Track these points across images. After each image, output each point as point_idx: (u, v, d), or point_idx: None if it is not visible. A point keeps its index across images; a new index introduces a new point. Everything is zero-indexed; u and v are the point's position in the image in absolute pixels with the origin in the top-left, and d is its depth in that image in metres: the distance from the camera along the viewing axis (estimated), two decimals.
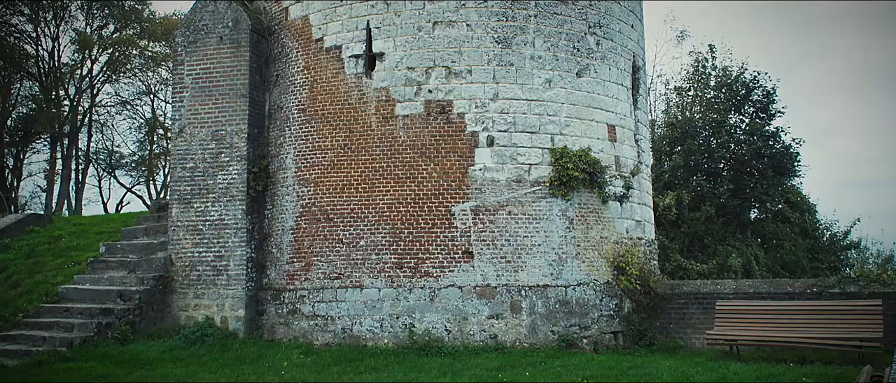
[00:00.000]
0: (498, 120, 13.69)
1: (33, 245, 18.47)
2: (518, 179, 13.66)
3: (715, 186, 23.71)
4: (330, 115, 14.25)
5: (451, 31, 13.76)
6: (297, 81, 14.77)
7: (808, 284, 13.43)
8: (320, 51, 14.49)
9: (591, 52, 14.57)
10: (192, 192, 14.89)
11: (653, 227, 16.45)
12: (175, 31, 15.83)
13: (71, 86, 37.97)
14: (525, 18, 13.95)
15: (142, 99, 41.43)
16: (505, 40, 13.82)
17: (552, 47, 14.11)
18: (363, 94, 13.98)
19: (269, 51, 15.45)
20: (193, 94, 15.09)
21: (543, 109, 13.95)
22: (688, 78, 27.70)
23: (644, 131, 16.42)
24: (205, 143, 14.93)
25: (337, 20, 14.36)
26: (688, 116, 26.00)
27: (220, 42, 15.09)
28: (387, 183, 13.65)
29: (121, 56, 38.38)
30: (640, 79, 16.29)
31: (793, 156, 24.54)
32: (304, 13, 14.81)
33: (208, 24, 15.21)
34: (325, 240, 13.98)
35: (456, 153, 13.58)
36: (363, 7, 14.12)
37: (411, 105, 13.72)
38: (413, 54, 13.79)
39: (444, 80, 13.70)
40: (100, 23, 38.66)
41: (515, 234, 13.53)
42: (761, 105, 25.11)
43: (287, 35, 15.07)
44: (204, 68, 15.08)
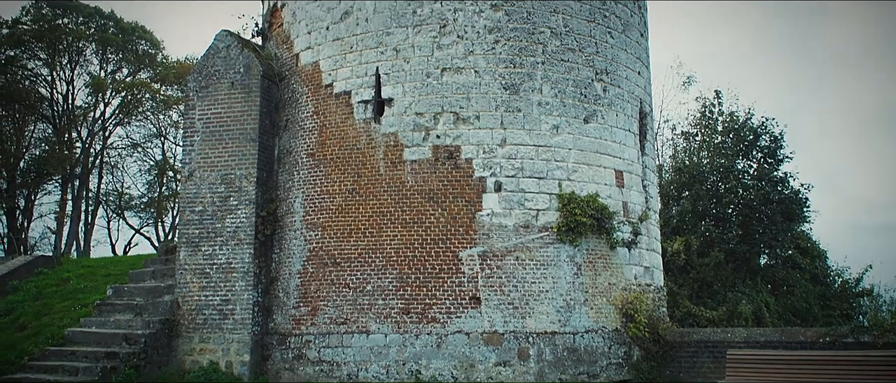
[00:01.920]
0: (506, 165, 13.74)
1: (41, 287, 18.50)
2: (526, 225, 13.64)
3: (724, 232, 23.59)
4: (338, 160, 14.34)
5: (460, 77, 13.91)
6: (306, 126, 14.91)
7: (821, 333, 13.26)
8: (330, 96, 14.65)
9: (598, 98, 14.68)
10: (201, 236, 14.93)
11: (661, 273, 16.34)
12: (188, 76, 16.07)
13: (83, 128, 38.42)
14: (533, 65, 14.10)
15: (152, 141, 41.84)
16: (512, 86, 13.95)
17: (560, 93, 14.22)
18: (372, 139, 14.08)
19: (280, 96, 15.63)
20: (204, 138, 15.24)
21: (551, 155, 14.00)
22: (695, 123, 27.80)
23: (652, 177, 16.43)
24: (214, 187, 15.02)
25: (347, 66, 14.55)
26: (695, 161, 26.01)
27: (231, 87, 15.29)
28: (394, 227, 13.66)
29: (133, 99, 38.88)
30: (647, 124, 16.36)
31: (801, 201, 24.47)
32: (314, 59, 15.02)
33: (220, 69, 15.44)
34: (332, 284, 13.94)
35: (463, 198, 13.61)
36: (373, 53, 14.31)
37: (419, 150, 13.80)
38: (421, 100, 13.92)
39: (453, 125, 13.80)
40: (114, 67, 39.28)
41: (523, 280, 13.46)
42: (769, 150, 25.13)
43: (297, 80, 15.27)
44: (215, 113, 15.26)
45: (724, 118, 26.46)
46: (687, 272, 22.28)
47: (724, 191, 24.24)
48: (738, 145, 25.09)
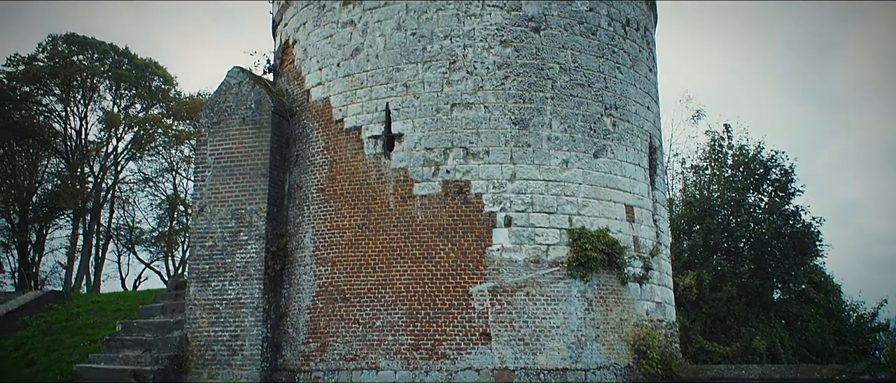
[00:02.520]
0: (515, 200, 13.72)
1: (51, 322, 18.50)
2: (536, 260, 13.58)
3: (736, 266, 23.41)
4: (348, 195, 14.37)
5: (469, 112, 13.98)
6: (316, 161, 14.98)
7: (837, 371, 13.04)
8: (340, 131, 14.73)
9: (607, 133, 14.70)
10: (211, 271, 14.93)
11: (673, 309, 16.18)
12: (200, 112, 16.23)
13: (96, 163, 38.74)
14: (542, 100, 14.16)
15: (164, 176, 42.11)
16: (522, 121, 14.00)
17: (569, 128, 14.25)
18: (382, 174, 14.12)
19: (290, 131, 15.74)
20: (215, 173, 15.33)
21: (561, 190, 13.98)
22: (705, 157, 27.79)
23: (662, 211, 16.36)
24: (224, 222, 15.06)
25: (357, 102, 14.65)
26: (706, 195, 25.93)
27: (242, 123, 15.41)
28: (404, 263, 13.62)
29: (146, 134, 39.24)
30: (657, 159, 16.34)
31: (814, 235, 24.30)
32: (325, 95, 15.14)
33: (232, 105, 15.58)
34: (342, 320, 13.87)
35: (473, 233, 13.58)
36: (383, 89, 14.42)
37: (429, 185, 13.82)
38: (431, 135, 13.98)
39: (462, 160, 13.83)
40: (127, 102, 39.72)
41: (534, 316, 13.36)
42: (780, 184, 25.05)
43: (308, 116, 15.38)
44: (226, 148, 15.37)
45: (734, 152, 26.44)
46: (699, 307, 22.07)
47: (735, 224, 24.12)
48: (748, 179, 25.03)
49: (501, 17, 14.32)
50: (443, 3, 14.38)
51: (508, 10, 14.36)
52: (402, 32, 14.46)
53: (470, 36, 14.24)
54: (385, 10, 14.67)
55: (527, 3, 14.44)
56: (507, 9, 14.36)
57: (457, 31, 14.27)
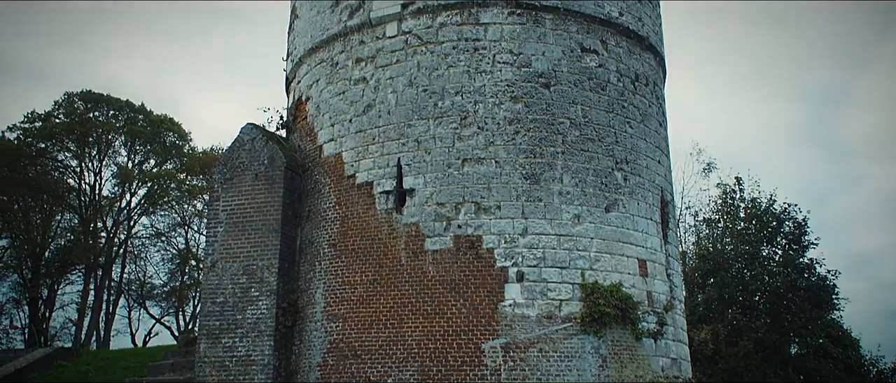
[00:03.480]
0: (527, 255, 13.66)
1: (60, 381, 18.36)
2: (549, 315, 13.44)
3: (751, 320, 23.10)
4: (360, 250, 14.35)
5: (480, 167, 14.03)
6: (328, 217, 15.02)
7: None
8: (352, 187, 14.80)
9: (618, 187, 14.69)
10: (221, 328, 14.85)
11: (689, 365, 15.91)
12: (213, 168, 16.37)
13: (109, 218, 39.00)
14: (553, 155, 14.21)
15: (176, 230, 42.29)
16: (533, 176, 14.03)
17: (580, 183, 14.26)
18: (393, 230, 14.12)
19: (303, 187, 15.83)
20: (227, 229, 15.38)
21: (573, 244, 13.92)
22: (717, 209, 27.70)
23: (676, 265, 16.23)
24: (236, 278, 15.04)
25: (369, 157, 14.75)
26: (719, 248, 25.76)
27: (255, 179, 15.53)
28: (416, 319, 13.50)
29: (159, 189, 39.58)
30: (669, 213, 16.29)
31: (830, 288, 24.01)
32: (337, 151, 15.26)
33: (245, 161, 15.73)
34: (353, 377, 13.70)
35: (485, 288, 13.48)
36: (394, 145, 14.53)
37: (441, 240, 13.79)
38: (443, 190, 14.01)
39: (474, 215, 13.83)
40: (141, 158, 40.19)
41: (547, 372, 13.15)
42: (793, 236, 24.88)
43: (320, 172, 15.48)
44: (238, 204, 15.45)
45: (746, 204, 26.36)
46: (715, 362, 21.70)
47: (749, 278, 23.89)
48: (761, 231, 24.89)
49: (512, 73, 14.49)
50: (454, 60, 14.58)
51: (518, 67, 14.54)
52: (413, 89, 14.64)
53: (481, 92, 14.39)
54: (397, 68, 14.88)
55: (536, 59, 14.63)
56: (518, 65, 14.55)
57: (468, 88, 14.43)
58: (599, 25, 15.37)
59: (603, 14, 15.45)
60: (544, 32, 14.84)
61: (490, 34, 14.69)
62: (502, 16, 14.75)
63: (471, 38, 14.66)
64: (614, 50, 15.52)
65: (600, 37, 15.36)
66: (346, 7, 15.79)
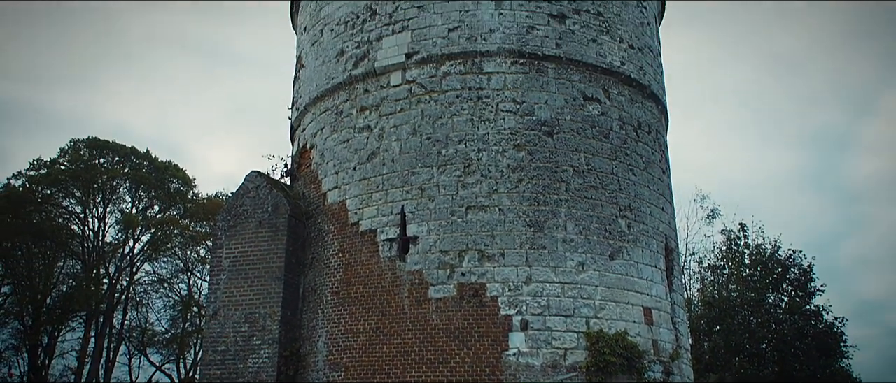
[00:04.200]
0: (531, 303, 13.57)
1: None
2: (553, 364, 13.28)
3: (759, 368, 22.82)
4: (363, 298, 14.27)
5: (484, 215, 14.04)
6: (331, 264, 14.98)
7: None
8: (355, 234, 14.79)
9: (623, 235, 14.67)
10: (222, 377, 14.68)
11: None
12: (217, 216, 16.40)
13: (111, 264, 38.93)
14: (556, 203, 14.23)
15: (179, 276, 42.14)
16: (537, 224, 14.02)
17: (584, 230, 14.24)
18: (396, 278, 14.06)
19: (306, 234, 15.83)
20: (230, 276, 15.33)
21: (577, 292, 13.83)
22: (721, 256, 27.58)
23: (681, 313, 16.10)
24: (238, 326, 14.94)
25: (373, 205, 14.78)
26: (725, 295, 25.58)
27: (259, 226, 15.53)
28: (419, 368, 13.35)
29: (163, 235, 39.58)
30: (673, 260, 16.22)
31: (838, 335, 23.75)
32: (341, 198, 15.30)
33: (248, 209, 15.76)
34: None
35: (489, 337, 13.36)
36: (398, 192, 14.57)
37: (444, 288, 13.72)
38: (446, 238, 13.99)
39: (477, 263, 13.78)
40: (145, 204, 40.29)
41: None
42: (799, 283, 24.73)
43: (324, 219, 15.49)
44: (242, 251, 15.43)
45: (751, 251, 26.25)
46: None
47: (756, 325, 23.68)
48: (767, 278, 24.75)
49: (515, 121, 14.60)
50: (457, 109, 14.71)
51: (521, 115, 14.66)
52: (417, 137, 14.74)
53: (484, 140, 14.48)
54: (401, 116, 15.01)
55: (539, 107, 14.76)
56: (520, 113, 14.67)
57: (471, 136, 14.53)
58: (601, 74, 15.54)
59: (604, 63, 15.64)
60: (547, 81, 15.00)
61: (493, 83, 14.85)
62: (505, 65, 14.93)
63: (474, 87, 14.82)
64: (616, 98, 15.66)
65: (602, 85, 15.52)
66: (352, 57, 16.01)
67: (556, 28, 15.40)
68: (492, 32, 15.11)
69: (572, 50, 15.36)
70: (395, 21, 15.64)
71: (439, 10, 15.37)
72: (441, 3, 15.40)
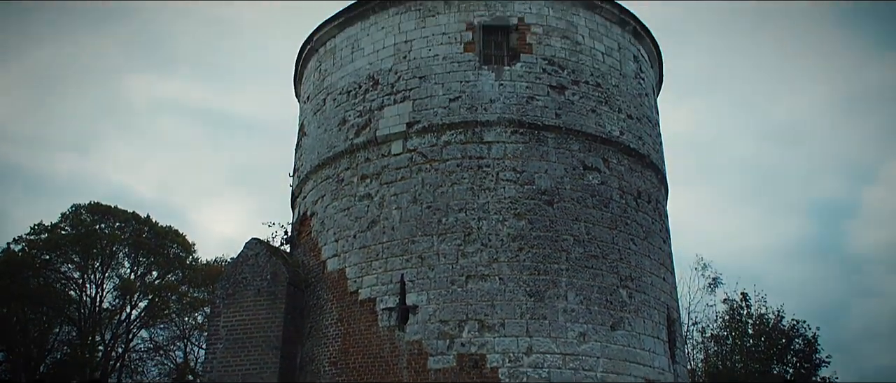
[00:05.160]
0: (532, 375, 13.34)
1: None
2: None
3: None
4: (361, 369, 14.04)
5: (484, 284, 13.94)
6: (329, 334, 14.79)
7: None
8: (354, 303, 14.66)
9: (624, 304, 14.53)
10: None
11: None
12: (216, 284, 16.30)
13: (107, 331, 38.47)
14: (557, 272, 14.15)
15: (175, 344, 41.57)
16: (537, 294, 13.91)
17: (585, 300, 14.12)
18: (396, 347, 13.87)
19: (305, 303, 15.69)
20: (227, 346, 15.13)
21: (578, 364, 13.61)
22: (724, 326, 27.27)
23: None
24: None
25: (372, 273, 14.69)
26: (729, 366, 25.17)
27: (257, 294, 15.41)
28: None
29: (160, 302, 39.25)
30: (675, 331, 16.03)
31: None
32: (340, 266, 15.23)
33: (247, 276, 15.67)
34: None
35: None
36: (398, 261, 14.50)
37: (444, 358, 13.51)
38: (446, 307, 13.86)
39: (477, 333, 13.61)
40: (144, 270, 40.07)
41: None
42: (804, 354, 24.38)
43: (323, 287, 15.38)
44: (240, 320, 15.26)
45: (754, 321, 25.97)
46: None
47: None
48: (771, 349, 24.43)
49: (515, 190, 14.66)
50: (458, 178, 14.79)
51: (522, 184, 14.72)
52: (417, 205, 14.77)
53: (484, 208, 14.51)
54: (401, 184, 15.08)
55: (539, 176, 14.83)
56: (521, 182, 14.73)
57: (471, 204, 14.56)
58: (601, 144, 15.68)
59: (604, 133, 15.80)
60: (547, 150, 15.12)
61: (493, 152, 14.96)
62: (505, 135, 15.08)
63: (475, 156, 14.93)
64: (616, 167, 15.76)
65: (602, 155, 15.64)
66: (354, 125, 16.20)
67: (556, 98, 15.61)
68: (492, 102, 15.32)
69: (572, 120, 15.53)
70: (396, 91, 15.88)
71: (440, 80, 15.63)
72: (442, 74, 15.67)
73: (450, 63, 15.76)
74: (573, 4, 16.76)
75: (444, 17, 16.25)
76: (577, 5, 16.81)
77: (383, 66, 16.32)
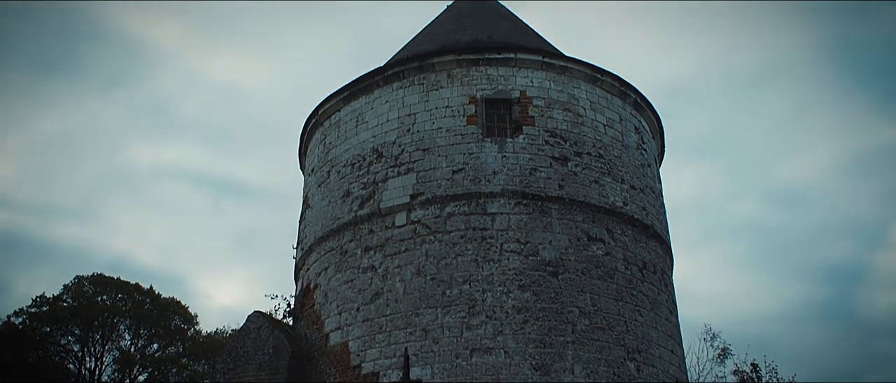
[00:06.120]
0: None
1: None
2: None
3: None
4: None
5: (489, 358, 13.73)
6: None
7: None
8: (358, 377, 14.41)
9: (632, 378, 14.26)
10: None
11: None
12: (217, 358, 16.09)
13: None
14: (563, 345, 13.95)
15: None
16: (543, 367, 13.68)
17: (592, 373, 13.87)
18: None
19: (307, 377, 15.42)
20: None
21: None
22: None
23: None
24: None
25: (375, 346, 14.50)
26: None
27: (259, 368, 15.19)
28: None
29: (159, 375, 38.69)
30: None
31: None
32: (343, 339, 15.04)
33: (249, 350, 15.47)
34: None
35: None
36: (402, 334, 14.33)
37: None
38: (451, 381, 13.61)
39: None
40: (144, 342, 39.68)
41: None
42: None
43: (326, 361, 15.16)
44: None
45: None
46: None
47: None
48: None
49: (519, 261, 14.59)
50: (462, 249, 14.74)
51: (526, 255, 14.66)
52: (421, 277, 14.68)
53: (489, 280, 14.41)
54: (405, 256, 15.03)
55: (544, 248, 14.78)
56: (525, 254, 14.67)
57: (476, 276, 14.47)
58: (604, 214, 15.68)
59: (607, 204, 15.82)
60: (550, 221, 15.12)
61: (497, 223, 14.96)
62: (509, 206, 15.10)
63: (478, 228, 14.93)
64: (620, 238, 15.72)
65: (606, 225, 15.62)
66: (357, 197, 16.26)
67: (559, 170, 15.71)
68: (495, 174, 15.41)
69: (575, 191, 15.59)
70: (400, 163, 16.01)
71: (444, 153, 15.76)
72: (445, 146, 15.82)
73: (453, 135, 15.94)
74: (574, 77, 17.05)
75: (447, 91, 16.52)
76: (577, 78, 17.10)
77: (387, 138, 16.50)
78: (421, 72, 16.90)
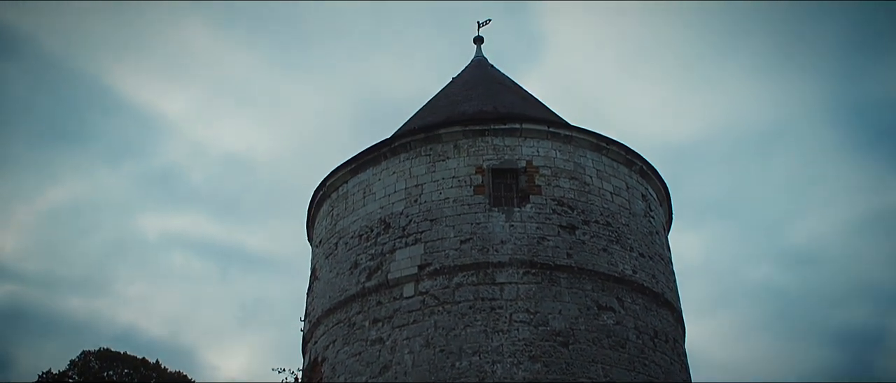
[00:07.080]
0: None
1: None
2: None
3: None
4: None
5: None
6: None
7: None
8: None
9: None
10: None
11: None
12: None
13: None
14: None
15: None
16: None
17: None
18: None
19: None
20: None
21: None
22: None
23: None
24: None
25: None
26: None
27: None
28: None
29: None
30: None
31: None
32: None
33: None
34: None
35: None
36: None
37: None
38: None
39: None
40: None
41: None
42: None
43: None
44: None
45: None
46: None
47: None
48: None
49: (529, 332, 14.41)
50: (471, 320, 14.60)
51: (535, 325, 14.49)
52: (430, 349, 14.50)
53: (498, 351, 14.21)
54: (414, 328, 14.88)
55: (553, 317, 14.62)
56: (535, 324, 14.51)
57: (485, 347, 14.28)
58: (614, 283, 15.56)
59: (617, 272, 15.71)
60: (560, 291, 15.00)
61: (506, 293, 14.85)
62: (518, 275, 15.02)
63: (487, 298, 14.81)
64: (631, 307, 15.54)
65: (616, 294, 15.48)
66: (365, 269, 16.22)
67: (567, 238, 15.67)
68: (503, 244, 15.38)
69: (583, 259, 15.51)
70: (408, 234, 16.02)
71: (451, 223, 15.79)
72: (453, 216, 15.86)
73: (460, 205, 15.99)
74: (579, 146, 17.20)
75: (453, 162, 16.66)
76: (583, 147, 17.24)
77: (395, 209, 16.56)
78: (428, 143, 17.09)
